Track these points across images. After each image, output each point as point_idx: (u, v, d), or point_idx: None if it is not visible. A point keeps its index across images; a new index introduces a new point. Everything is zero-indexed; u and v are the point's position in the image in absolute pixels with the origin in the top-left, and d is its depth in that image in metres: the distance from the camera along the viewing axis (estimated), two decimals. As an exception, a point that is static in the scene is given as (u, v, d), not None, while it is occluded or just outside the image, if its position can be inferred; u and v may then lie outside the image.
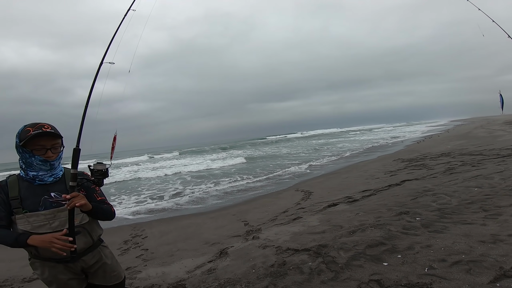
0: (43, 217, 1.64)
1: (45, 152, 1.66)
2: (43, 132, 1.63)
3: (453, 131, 24.26)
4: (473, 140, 13.51)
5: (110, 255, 2.00)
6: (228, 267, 3.19)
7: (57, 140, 1.71)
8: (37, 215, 1.63)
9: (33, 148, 1.64)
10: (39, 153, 1.65)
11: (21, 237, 1.59)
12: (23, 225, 1.61)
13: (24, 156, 1.65)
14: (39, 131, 1.62)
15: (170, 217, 6.63)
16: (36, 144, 1.63)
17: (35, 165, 1.66)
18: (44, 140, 1.65)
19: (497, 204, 3.79)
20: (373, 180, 7.40)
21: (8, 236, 1.60)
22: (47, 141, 1.66)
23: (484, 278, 2.20)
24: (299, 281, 2.60)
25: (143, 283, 3.13)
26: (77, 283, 1.83)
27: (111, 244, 4.65)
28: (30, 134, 1.61)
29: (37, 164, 1.66)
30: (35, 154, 1.65)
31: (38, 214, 1.64)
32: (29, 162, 1.66)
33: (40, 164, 1.67)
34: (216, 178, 12.11)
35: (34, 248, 1.63)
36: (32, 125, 1.64)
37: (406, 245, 2.95)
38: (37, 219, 1.62)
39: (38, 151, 1.65)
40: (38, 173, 1.68)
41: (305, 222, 4.42)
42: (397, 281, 2.34)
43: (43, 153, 1.66)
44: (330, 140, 34.18)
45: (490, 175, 5.44)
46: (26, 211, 1.62)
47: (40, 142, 1.64)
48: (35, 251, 1.66)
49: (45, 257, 1.68)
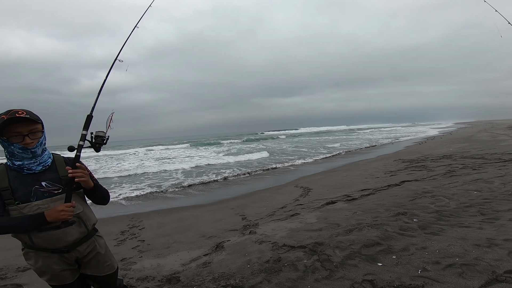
0: (36, 208, 1.59)
1: (22, 139, 1.56)
2: (16, 117, 1.52)
3: (456, 133, 24.15)
4: (476, 143, 13.45)
5: (104, 245, 1.98)
6: (223, 261, 3.21)
7: (34, 125, 1.60)
8: (30, 205, 1.58)
9: (10, 136, 1.54)
10: (16, 140, 1.56)
11: (35, 217, 1.55)
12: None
13: (4, 145, 1.57)
14: (11, 117, 1.51)
15: (168, 209, 6.67)
16: (12, 131, 1.54)
17: (17, 154, 1.58)
18: (19, 126, 1.55)
19: (495, 209, 3.79)
20: (373, 179, 7.40)
21: (19, 219, 1.54)
22: (23, 127, 1.55)
23: (476, 282, 2.20)
24: (293, 278, 2.61)
25: (137, 274, 3.15)
26: (70, 274, 1.81)
27: (108, 234, 4.73)
28: (2, 121, 1.50)
29: (18, 152, 1.57)
30: (13, 142, 1.55)
31: (31, 204, 1.58)
32: (10, 151, 1.58)
33: (21, 152, 1.58)
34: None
35: (29, 238, 1.60)
36: (5, 113, 1.53)
37: (402, 246, 2.95)
38: (30, 210, 1.58)
39: (15, 138, 1.55)
40: (23, 162, 1.60)
41: (303, 219, 4.43)
42: (390, 282, 2.34)
43: (20, 140, 1.56)
44: (349, 137, 33.82)
45: (490, 179, 5.42)
46: (18, 202, 1.57)
47: (16, 129, 1.54)
48: (30, 241, 1.62)
49: (40, 247, 1.65)
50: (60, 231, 1.66)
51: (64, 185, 1.70)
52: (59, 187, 1.68)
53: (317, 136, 41.16)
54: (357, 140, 26.99)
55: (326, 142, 27.45)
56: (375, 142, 22.99)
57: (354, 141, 25.92)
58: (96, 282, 2.01)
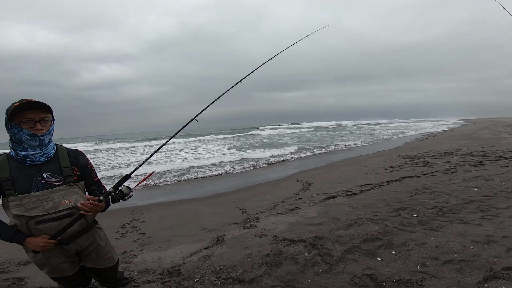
0: (36, 199, 1.60)
1: (33, 125, 1.58)
2: (30, 101, 1.55)
3: (457, 130, 24.09)
4: (477, 140, 13.44)
5: (104, 237, 1.98)
6: (224, 254, 3.24)
7: (46, 113, 1.63)
8: (30, 196, 1.59)
9: (21, 121, 1.55)
10: (27, 126, 1.57)
11: (17, 236, 1.62)
12: (16, 208, 1.58)
13: (13, 132, 1.57)
14: (28, 101, 1.55)
15: (168, 202, 6.70)
16: (24, 116, 1.55)
17: (24, 141, 1.58)
18: (32, 112, 1.57)
19: (495, 206, 3.80)
20: (373, 174, 7.41)
21: (4, 231, 1.62)
22: (35, 113, 1.58)
23: (474, 278, 2.22)
24: (293, 272, 2.63)
25: (138, 267, 3.18)
26: (70, 266, 1.83)
27: (109, 227, 4.76)
28: (17, 105, 1.53)
29: (26, 139, 1.58)
30: (23, 127, 1.56)
31: (31, 195, 1.59)
32: (18, 138, 1.58)
33: (29, 139, 1.58)
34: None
35: (28, 230, 1.61)
36: (19, 101, 1.57)
37: (401, 242, 2.97)
38: (30, 201, 1.59)
39: (26, 124, 1.56)
40: (28, 152, 1.61)
41: (303, 213, 4.45)
42: (389, 277, 2.37)
43: (31, 126, 1.57)
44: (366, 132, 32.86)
45: (491, 177, 5.43)
46: (19, 193, 1.58)
47: (28, 115, 1.56)
48: (29, 233, 1.63)
49: None
50: (58, 223, 1.66)
51: (64, 178, 1.70)
52: (60, 179, 1.69)
53: (324, 131, 40.63)
54: (376, 135, 26.37)
55: (342, 136, 27.16)
56: (402, 138, 22.51)
57: (376, 135, 25.61)
58: (97, 274, 2.02)
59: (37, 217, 1.60)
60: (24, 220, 1.60)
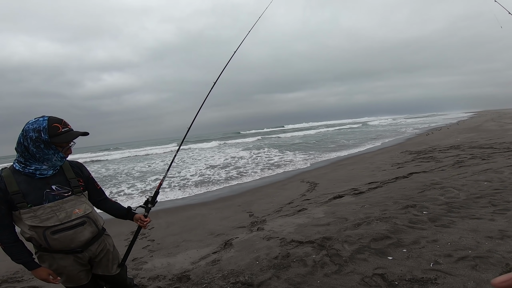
0: (49, 210, 1.63)
1: (67, 149, 1.70)
2: (78, 132, 1.68)
3: (463, 123, 23.82)
4: (483, 133, 13.26)
5: (112, 243, 2.04)
6: (232, 258, 3.22)
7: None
8: (44, 208, 1.62)
9: (60, 145, 1.65)
10: (62, 149, 1.67)
11: (30, 263, 1.69)
12: (31, 219, 1.59)
13: (45, 152, 1.61)
14: (73, 131, 1.67)
15: (175, 207, 6.70)
16: (65, 141, 1.65)
17: (53, 161, 1.66)
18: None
19: (507, 199, 3.72)
20: (380, 172, 7.33)
21: (21, 254, 1.68)
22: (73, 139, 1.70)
23: (490, 275, 2.17)
24: (302, 274, 2.60)
25: (149, 273, 3.17)
26: (85, 275, 1.86)
27: (118, 235, 4.76)
28: (63, 132, 1.63)
29: (56, 160, 1.66)
30: (60, 151, 1.66)
31: (44, 207, 1.62)
32: (46, 157, 1.63)
33: (58, 160, 1.68)
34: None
35: (45, 240, 1.64)
36: (58, 121, 1.63)
37: (412, 239, 2.92)
38: (44, 212, 1.62)
39: (62, 148, 1.67)
40: (41, 166, 1.65)
41: (310, 214, 4.41)
42: (401, 276, 2.32)
43: (64, 150, 1.69)
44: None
45: (500, 169, 5.33)
46: (31, 205, 1.60)
47: (71, 141, 1.68)
48: (46, 244, 1.65)
49: (56, 249, 1.68)
50: (73, 232, 1.70)
51: (72, 189, 1.75)
52: (68, 190, 1.74)
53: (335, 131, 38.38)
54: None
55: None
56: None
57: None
58: (108, 282, 2.05)
59: (52, 227, 1.63)
60: (40, 231, 1.62)
